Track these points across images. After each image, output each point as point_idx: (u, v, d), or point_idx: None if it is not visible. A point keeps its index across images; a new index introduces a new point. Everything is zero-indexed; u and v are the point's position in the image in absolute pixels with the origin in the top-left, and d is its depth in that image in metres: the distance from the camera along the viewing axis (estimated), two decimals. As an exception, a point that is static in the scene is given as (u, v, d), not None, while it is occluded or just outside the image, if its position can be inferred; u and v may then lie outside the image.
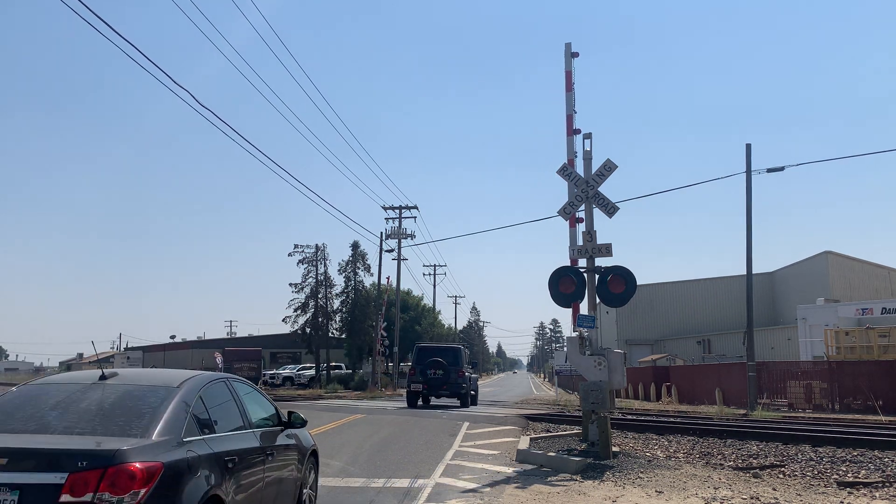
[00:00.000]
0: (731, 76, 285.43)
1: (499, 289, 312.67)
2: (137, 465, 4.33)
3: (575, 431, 15.31)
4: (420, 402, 26.73)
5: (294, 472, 6.88)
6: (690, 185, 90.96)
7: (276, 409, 7.04)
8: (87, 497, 4.17)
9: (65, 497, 4.16)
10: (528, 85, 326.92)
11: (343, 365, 57.35)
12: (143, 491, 4.28)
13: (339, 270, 54.19)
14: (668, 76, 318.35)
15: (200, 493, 4.75)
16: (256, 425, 6.29)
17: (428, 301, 72.33)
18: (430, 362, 26.07)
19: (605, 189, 12.94)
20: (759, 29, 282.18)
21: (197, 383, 5.71)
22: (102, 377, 5.57)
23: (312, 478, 7.59)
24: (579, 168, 13.58)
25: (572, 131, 14.55)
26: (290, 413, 7.09)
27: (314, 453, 7.72)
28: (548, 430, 16.75)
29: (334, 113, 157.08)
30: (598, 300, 12.83)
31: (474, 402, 28.16)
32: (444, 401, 28.59)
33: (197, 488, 4.75)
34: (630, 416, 20.47)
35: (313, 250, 52.12)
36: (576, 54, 14.91)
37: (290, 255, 53.00)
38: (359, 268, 53.58)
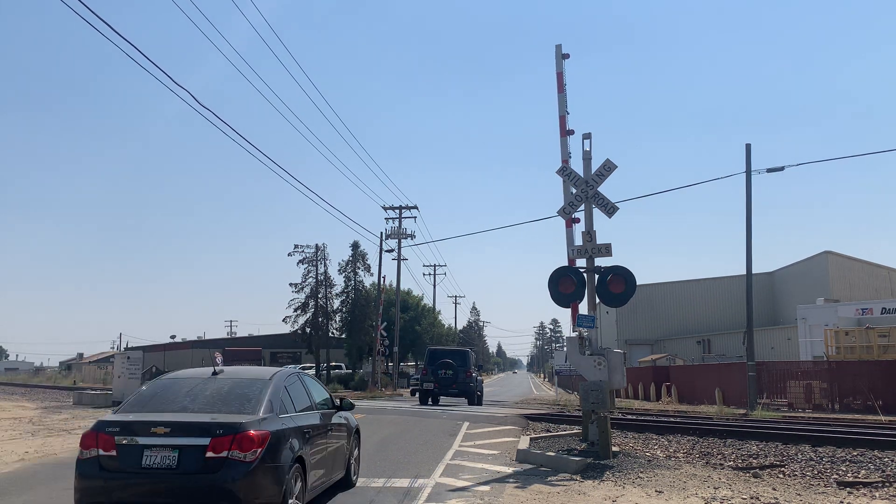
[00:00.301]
0: (731, 76, 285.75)
1: (499, 289, 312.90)
2: (254, 432, 6.29)
3: (575, 431, 15.31)
4: (430, 401, 27.99)
5: (345, 443, 8.92)
6: (690, 185, 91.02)
7: (329, 395, 8.95)
8: (224, 454, 6.13)
9: (209, 454, 6.13)
10: (528, 84, 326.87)
11: (343, 365, 57.36)
12: (259, 450, 6.25)
13: (339, 270, 54.19)
14: (668, 76, 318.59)
15: (291, 455, 6.71)
16: (318, 407, 8.22)
17: (428, 301, 72.38)
18: (440, 363, 27.82)
19: (604, 189, 12.94)
20: (759, 28, 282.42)
21: (281, 376, 7.67)
22: (214, 373, 7.51)
23: (356, 449, 9.60)
24: (576, 168, 13.57)
25: (566, 132, 14.56)
26: (341, 399, 9.12)
27: (357, 430, 9.76)
28: (548, 430, 16.75)
29: (334, 113, 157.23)
30: (597, 300, 12.82)
31: (480, 401, 29.26)
32: (445, 401, 29.39)
33: (289, 451, 6.71)
34: (630, 416, 20.46)
35: (313, 250, 52.13)
36: (566, 56, 14.91)
37: (290, 255, 52.97)
38: (359, 268, 53.57)
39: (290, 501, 6.65)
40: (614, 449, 11.98)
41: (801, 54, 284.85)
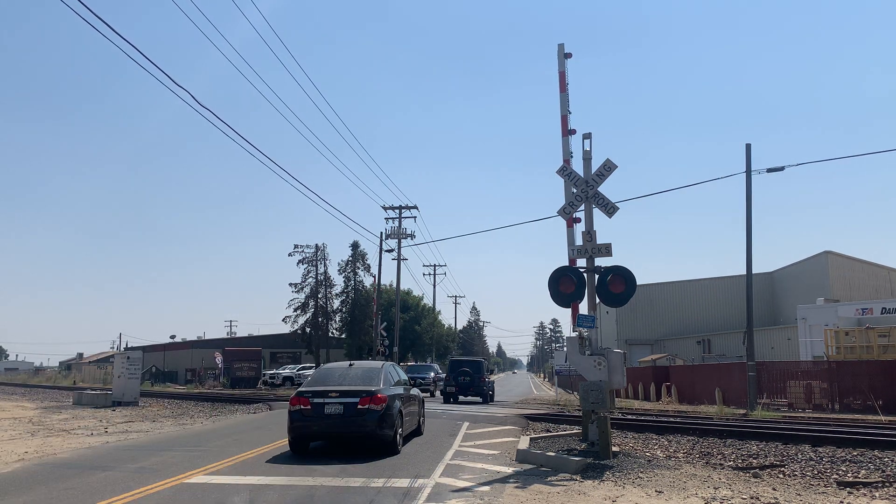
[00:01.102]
0: (732, 76, 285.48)
1: (499, 289, 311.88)
2: (381, 395, 12.01)
3: (575, 431, 15.31)
4: (451, 400, 32.45)
5: (417, 408, 15.07)
6: (690, 185, 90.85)
7: (407, 378, 15.11)
8: (367, 406, 11.81)
9: (359, 406, 11.80)
10: (529, 84, 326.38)
11: (343, 365, 57.33)
12: (384, 405, 11.96)
13: (339, 270, 54.29)
14: (668, 75, 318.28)
15: (397, 409, 12.42)
16: (403, 384, 13.91)
17: (428, 301, 72.43)
18: (460, 371, 32.94)
19: (604, 189, 12.94)
20: (759, 30, 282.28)
21: (387, 365, 13.59)
22: (350, 365, 13.47)
23: (423, 409, 16.01)
24: (577, 168, 13.56)
25: (567, 132, 14.54)
26: (413, 381, 18.79)
27: (423, 400, 16.21)
28: (548, 430, 16.75)
29: (334, 113, 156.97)
30: (598, 300, 12.81)
31: (492, 399, 34.23)
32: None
33: (396, 407, 12.45)
34: (630, 416, 20.47)
35: (313, 250, 52.18)
36: (569, 55, 14.90)
37: (290, 255, 53.11)
38: (359, 268, 53.66)
39: (398, 434, 12.30)
40: (614, 449, 11.98)
41: (801, 55, 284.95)
